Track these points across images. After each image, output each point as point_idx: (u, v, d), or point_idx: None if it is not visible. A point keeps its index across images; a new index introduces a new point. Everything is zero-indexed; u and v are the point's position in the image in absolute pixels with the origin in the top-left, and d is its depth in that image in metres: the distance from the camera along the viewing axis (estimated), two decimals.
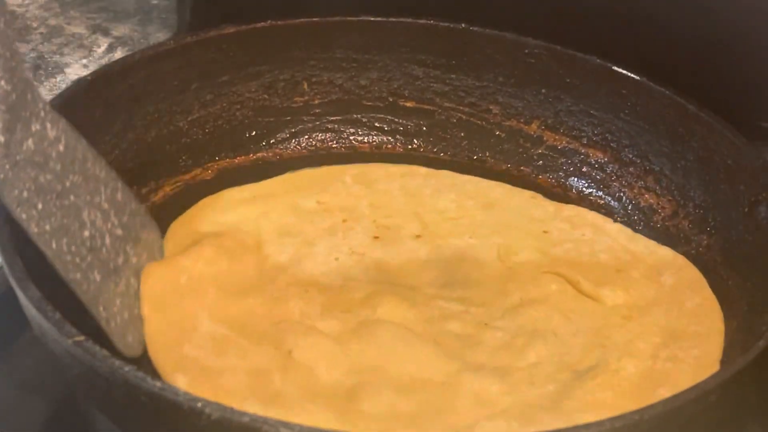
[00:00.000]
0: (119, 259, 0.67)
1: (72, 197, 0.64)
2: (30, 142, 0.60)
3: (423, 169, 0.86)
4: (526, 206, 0.84)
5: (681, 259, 0.79)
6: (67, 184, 0.63)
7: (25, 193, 0.60)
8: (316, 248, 0.77)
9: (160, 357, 0.67)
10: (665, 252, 0.80)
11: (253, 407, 0.60)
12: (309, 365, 0.66)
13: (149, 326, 0.68)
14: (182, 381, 0.64)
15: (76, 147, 0.65)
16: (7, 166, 0.58)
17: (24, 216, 0.59)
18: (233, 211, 0.79)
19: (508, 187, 0.86)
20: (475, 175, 0.87)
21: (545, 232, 0.81)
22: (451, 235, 0.80)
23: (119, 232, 0.68)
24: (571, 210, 0.84)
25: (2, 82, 0.58)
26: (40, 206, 0.60)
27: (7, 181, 0.58)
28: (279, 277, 0.74)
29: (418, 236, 0.80)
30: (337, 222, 0.80)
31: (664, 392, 0.65)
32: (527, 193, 0.85)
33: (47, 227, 0.61)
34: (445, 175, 0.86)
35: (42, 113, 0.62)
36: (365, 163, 0.87)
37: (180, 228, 0.78)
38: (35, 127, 0.61)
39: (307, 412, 0.62)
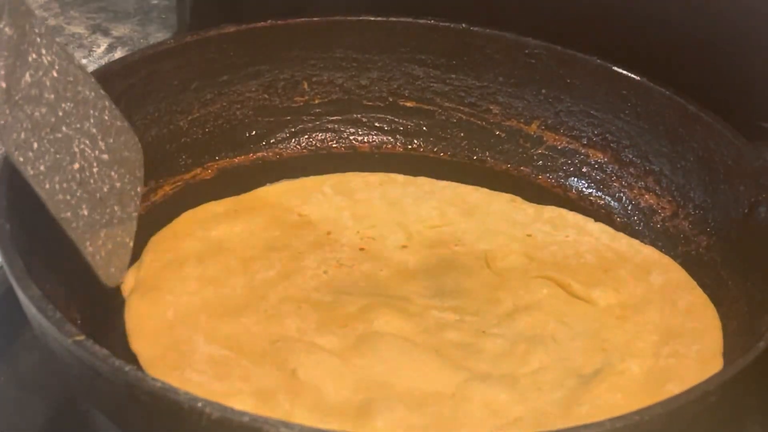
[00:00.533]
0: (105, 187, 0.68)
1: (64, 128, 0.64)
2: (27, 75, 0.61)
3: (401, 177, 0.86)
4: (507, 210, 0.83)
5: (666, 259, 0.80)
6: (60, 113, 0.64)
7: (22, 134, 0.60)
8: (303, 262, 0.76)
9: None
10: (650, 251, 0.80)
11: None
12: (315, 384, 0.65)
13: (143, 356, 0.67)
14: None
15: (68, 69, 0.65)
16: (8, 111, 0.59)
17: (21, 159, 0.61)
18: (215, 226, 0.78)
19: (486, 191, 0.85)
20: (476, 175, 0.87)
21: (529, 235, 0.81)
22: (437, 244, 0.80)
23: (105, 157, 0.69)
24: (551, 211, 0.84)
25: (7, 29, 0.59)
26: (35, 145, 0.62)
27: (8, 125, 0.59)
28: (269, 294, 0.73)
29: (404, 246, 0.79)
30: (321, 234, 0.79)
31: (673, 388, 0.66)
32: (506, 197, 0.85)
33: (42, 167, 0.62)
34: (423, 181, 0.86)
35: (38, 39, 0.62)
36: (342, 173, 0.86)
37: (161, 242, 0.77)
38: (32, 56, 0.61)
39: (323, 424, 0.62)
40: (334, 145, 0.91)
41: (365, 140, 0.91)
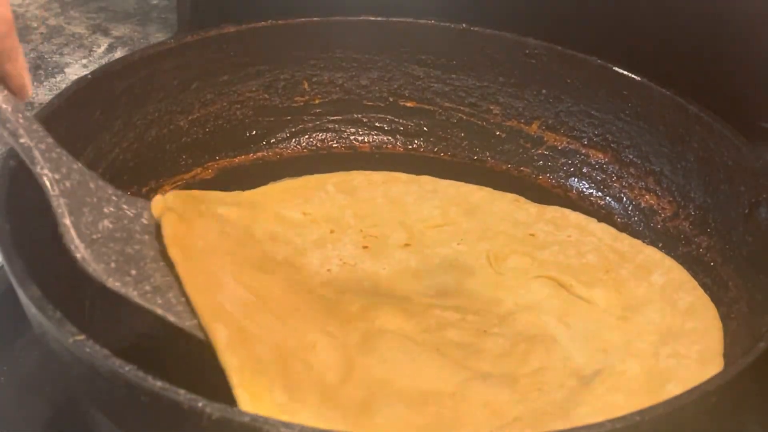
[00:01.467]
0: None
1: (163, 261, 0.65)
2: (106, 222, 0.63)
3: (404, 176, 0.86)
4: (509, 210, 0.83)
5: (668, 260, 0.80)
6: (159, 247, 0.65)
7: (113, 264, 0.62)
8: (306, 260, 0.76)
9: (198, 299, 0.65)
10: (652, 251, 0.80)
11: (278, 394, 0.60)
12: (324, 370, 0.65)
13: (181, 268, 0.67)
14: (223, 333, 0.63)
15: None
16: (82, 246, 0.61)
17: (118, 284, 0.62)
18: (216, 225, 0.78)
19: (488, 190, 0.85)
20: (476, 175, 0.87)
21: (531, 235, 0.81)
22: (439, 243, 0.80)
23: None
24: (553, 211, 0.84)
25: (46, 171, 0.62)
26: (133, 272, 0.63)
27: (86, 259, 0.61)
28: (272, 292, 0.73)
29: (406, 245, 0.79)
30: (324, 233, 0.79)
31: (673, 388, 0.66)
32: (509, 196, 0.85)
33: (147, 287, 0.63)
34: (426, 180, 0.86)
35: (114, 197, 0.64)
36: (346, 171, 0.86)
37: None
38: (108, 209, 0.64)
39: (325, 419, 0.62)
40: (334, 145, 0.91)
41: (366, 140, 0.91)
